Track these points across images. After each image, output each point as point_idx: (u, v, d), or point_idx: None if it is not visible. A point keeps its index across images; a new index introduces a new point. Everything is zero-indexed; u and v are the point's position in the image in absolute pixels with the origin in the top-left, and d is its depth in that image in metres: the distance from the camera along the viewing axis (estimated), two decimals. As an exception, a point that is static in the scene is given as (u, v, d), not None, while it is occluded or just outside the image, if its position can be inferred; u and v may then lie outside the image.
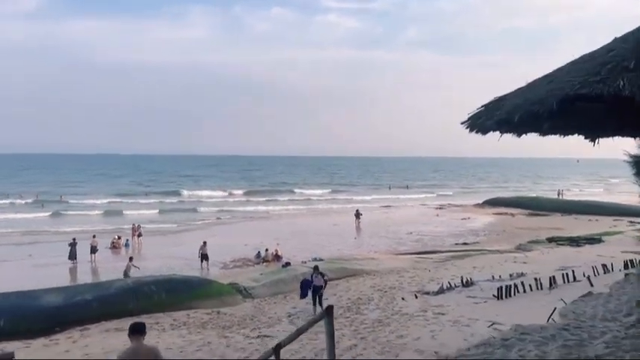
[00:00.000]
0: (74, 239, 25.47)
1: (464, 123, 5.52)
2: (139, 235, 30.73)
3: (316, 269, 15.89)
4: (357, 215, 38.96)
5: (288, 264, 22.63)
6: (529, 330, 6.68)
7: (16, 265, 24.33)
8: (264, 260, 25.11)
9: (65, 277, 22.34)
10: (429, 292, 16.23)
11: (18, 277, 21.51)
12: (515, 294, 14.55)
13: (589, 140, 6.34)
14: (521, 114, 4.38)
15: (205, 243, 24.04)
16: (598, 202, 47.27)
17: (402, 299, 15.39)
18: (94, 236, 26.66)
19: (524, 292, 14.70)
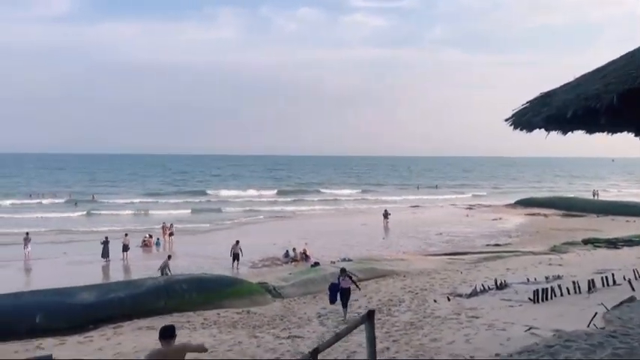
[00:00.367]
0: (107, 238, 25.90)
1: (507, 120, 5.28)
2: (170, 234, 31.05)
3: (343, 272, 15.35)
4: (386, 215, 38.60)
5: (317, 264, 22.51)
6: (574, 337, 6.37)
7: (52, 263, 24.91)
8: (292, 260, 25.07)
9: (98, 275, 22.75)
10: (461, 295, 15.86)
11: (53, 274, 22.03)
12: (552, 297, 14.08)
13: None
14: (575, 110, 4.13)
15: (238, 242, 23.97)
16: (636, 203, 45.68)
17: (434, 301, 15.09)
18: (126, 235, 27.06)
19: (561, 295, 14.23)
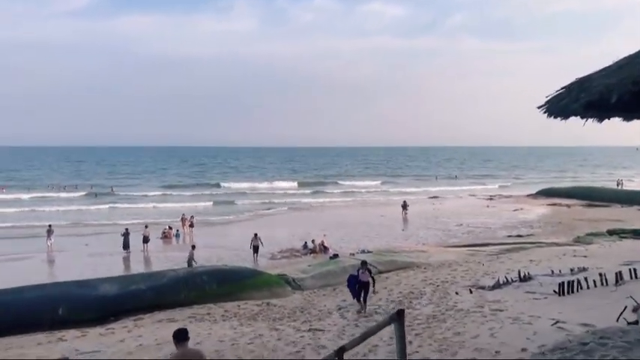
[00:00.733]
0: (127, 229, 26.13)
1: (541, 107, 5.01)
2: (190, 225, 31.19)
3: (364, 264, 14.76)
4: (404, 206, 38.23)
5: (336, 255, 22.37)
6: (609, 333, 6.11)
7: (74, 255, 25.22)
8: (311, 251, 24.97)
9: (119, 266, 22.97)
10: (484, 287, 15.55)
11: (75, 265, 22.31)
12: (578, 290, 13.70)
13: None
14: (620, 94, 3.87)
15: (257, 235, 23.90)
16: (662, 193, 44.52)
17: (456, 294, 14.82)
18: (146, 226, 27.26)
19: (587, 288, 13.84)
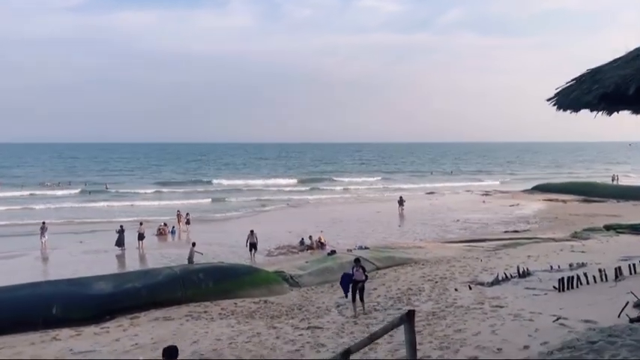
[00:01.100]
0: (122, 226, 25.87)
1: (550, 100, 4.84)
2: (187, 222, 30.93)
3: (357, 262, 14.34)
4: (401, 202, 38.12)
5: (333, 252, 22.19)
6: (617, 331, 5.98)
7: (68, 252, 24.91)
8: (308, 248, 24.81)
9: (114, 264, 22.73)
10: (483, 283, 15.47)
11: (69, 263, 22.04)
12: (578, 286, 13.62)
13: None
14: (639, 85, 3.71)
15: (253, 232, 23.57)
16: (658, 188, 44.64)
17: (455, 290, 14.72)
18: (141, 223, 26.98)
19: (587, 283, 13.77)
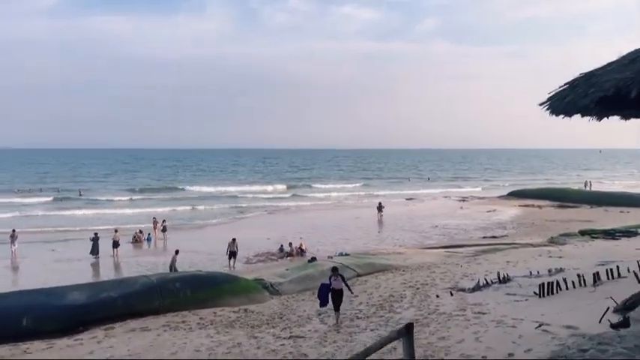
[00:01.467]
0: (96, 234, 25.24)
1: (543, 105, 4.76)
2: (163, 230, 30.33)
3: (335, 271, 13.94)
4: (380, 208, 38.14)
5: (314, 259, 21.98)
6: (607, 339, 5.94)
7: (39, 261, 24.11)
8: (288, 255, 24.56)
9: (88, 273, 22.10)
10: (464, 289, 15.45)
11: (41, 273, 21.33)
12: (558, 291, 13.71)
13: None
14: (640, 88, 3.65)
15: (235, 240, 23.09)
16: (629, 194, 45.69)
17: (437, 297, 14.66)
18: (116, 231, 26.35)
19: (566, 289, 13.86)
